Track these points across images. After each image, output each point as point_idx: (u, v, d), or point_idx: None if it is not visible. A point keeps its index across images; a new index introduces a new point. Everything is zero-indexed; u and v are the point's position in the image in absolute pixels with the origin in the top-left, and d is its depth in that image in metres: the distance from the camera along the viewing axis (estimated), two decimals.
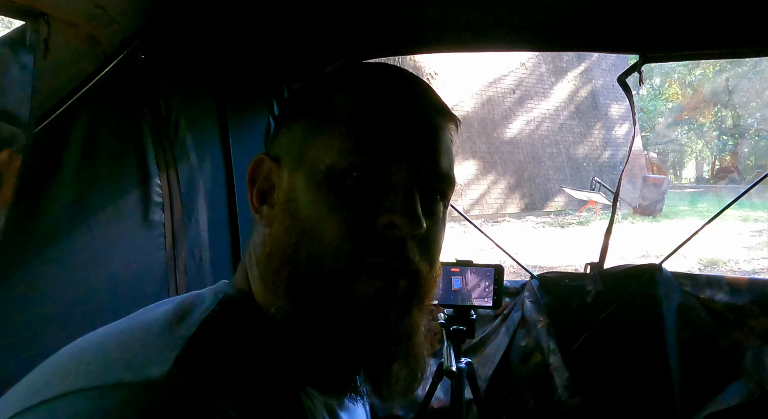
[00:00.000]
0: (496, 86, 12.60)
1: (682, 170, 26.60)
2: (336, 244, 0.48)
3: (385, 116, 0.51)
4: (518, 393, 1.88)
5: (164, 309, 0.49)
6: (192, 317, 0.47)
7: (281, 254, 0.51)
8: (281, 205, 0.53)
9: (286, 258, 0.50)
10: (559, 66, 14.24)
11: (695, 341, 1.71)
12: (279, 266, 0.51)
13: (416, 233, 0.49)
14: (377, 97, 0.52)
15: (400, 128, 0.51)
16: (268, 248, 0.53)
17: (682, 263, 6.78)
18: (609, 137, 15.25)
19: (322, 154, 0.50)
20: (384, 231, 0.48)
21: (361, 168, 0.49)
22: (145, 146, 1.18)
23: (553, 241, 8.73)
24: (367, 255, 0.48)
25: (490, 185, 11.91)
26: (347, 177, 0.49)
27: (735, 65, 19.84)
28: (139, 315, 0.50)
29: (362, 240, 0.48)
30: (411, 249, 0.49)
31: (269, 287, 0.52)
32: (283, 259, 0.51)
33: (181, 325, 0.46)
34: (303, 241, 0.49)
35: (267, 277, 0.52)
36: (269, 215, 0.54)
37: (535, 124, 13.38)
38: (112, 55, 1.05)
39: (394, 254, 0.48)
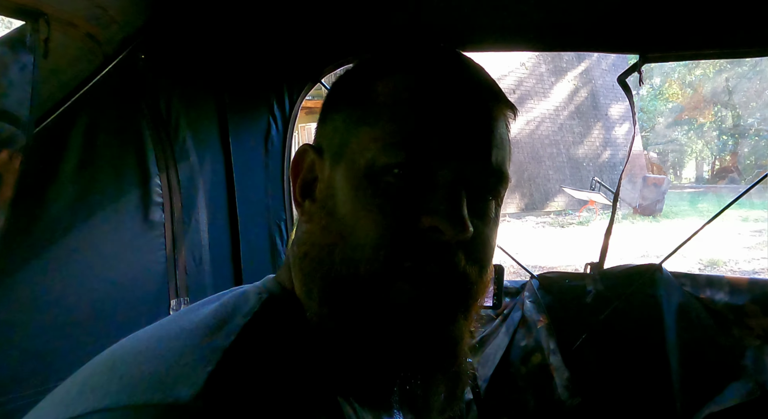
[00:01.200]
0: None
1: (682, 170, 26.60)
2: (372, 247, 0.44)
3: (432, 106, 0.46)
4: (518, 393, 1.88)
5: (206, 311, 0.46)
6: (233, 322, 0.44)
7: (317, 255, 0.48)
8: (321, 201, 0.49)
9: (321, 259, 0.47)
10: (559, 66, 14.24)
11: (695, 341, 1.71)
12: (314, 268, 0.48)
13: (461, 238, 0.44)
14: (423, 84, 0.48)
15: (448, 120, 0.46)
16: (306, 246, 0.49)
17: (682, 263, 6.78)
18: (609, 137, 15.25)
19: (363, 147, 0.46)
20: (426, 234, 0.44)
21: (403, 165, 0.45)
22: (145, 146, 1.18)
23: (553, 241, 8.73)
24: (405, 259, 0.44)
25: None
26: (388, 174, 0.45)
27: (735, 65, 19.84)
28: (181, 317, 0.47)
29: (401, 244, 0.44)
30: (456, 253, 0.45)
31: (305, 289, 0.49)
32: (318, 260, 0.47)
33: (220, 332, 0.43)
34: (339, 242, 0.46)
35: (303, 278, 0.49)
36: (310, 210, 0.50)
37: (535, 124, 13.37)
38: (112, 55, 1.05)
39: (436, 259, 0.44)
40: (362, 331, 0.46)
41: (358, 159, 0.46)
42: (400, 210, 0.45)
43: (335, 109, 0.52)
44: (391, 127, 0.46)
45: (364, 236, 0.45)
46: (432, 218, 0.44)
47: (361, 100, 0.49)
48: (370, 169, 0.45)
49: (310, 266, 0.48)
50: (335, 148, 0.49)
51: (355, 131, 0.48)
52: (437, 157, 0.45)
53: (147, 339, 0.44)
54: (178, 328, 0.44)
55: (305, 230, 0.50)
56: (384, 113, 0.47)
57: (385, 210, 0.45)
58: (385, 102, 0.47)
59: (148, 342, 0.43)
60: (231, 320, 0.44)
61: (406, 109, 0.46)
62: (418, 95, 0.47)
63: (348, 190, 0.46)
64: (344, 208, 0.46)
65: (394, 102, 0.47)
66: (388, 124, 0.46)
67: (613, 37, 1.44)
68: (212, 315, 0.45)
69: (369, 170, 0.45)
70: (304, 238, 0.50)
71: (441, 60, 0.51)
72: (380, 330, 0.45)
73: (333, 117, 0.51)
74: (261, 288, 0.51)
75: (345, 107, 0.50)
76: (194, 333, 0.43)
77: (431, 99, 0.47)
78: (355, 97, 0.50)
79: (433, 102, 0.47)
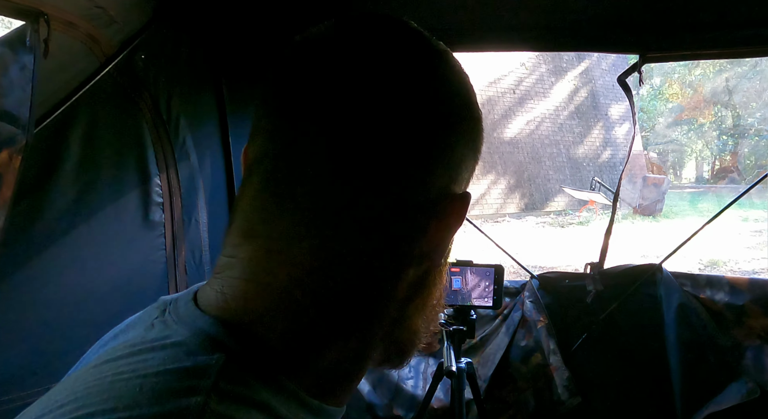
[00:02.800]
0: (496, 86, 12.59)
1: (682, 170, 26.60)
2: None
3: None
4: (518, 393, 1.88)
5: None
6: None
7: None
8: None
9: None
10: (559, 66, 14.24)
11: (695, 341, 1.71)
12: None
13: None
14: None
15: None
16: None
17: (682, 263, 6.77)
18: (609, 137, 15.25)
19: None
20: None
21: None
22: (145, 146, 1.18)
23: (553, 241, 8.74)
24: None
25: (490, 185, 11.90)
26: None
27: (735, 65, 19.84)
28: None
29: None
30: None
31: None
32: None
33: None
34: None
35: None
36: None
37: (535, 124, 13.37)
38: (112, 55, 1.05)
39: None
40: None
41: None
42: None
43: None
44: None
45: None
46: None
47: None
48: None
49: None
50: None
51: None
52: None
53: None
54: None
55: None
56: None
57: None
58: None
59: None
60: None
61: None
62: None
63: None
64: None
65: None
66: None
67: (613, 37, 1.44)
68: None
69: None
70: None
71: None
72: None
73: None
74: (206, 340, 0.35)
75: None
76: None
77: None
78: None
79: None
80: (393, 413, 1.88)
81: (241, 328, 0.35)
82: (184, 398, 0.30)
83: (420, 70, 0.38)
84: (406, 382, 1.94)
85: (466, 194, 0.41)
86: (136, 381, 0.32)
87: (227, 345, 0.34)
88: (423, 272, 0.41)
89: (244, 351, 0.34)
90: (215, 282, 0.38)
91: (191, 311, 0.37)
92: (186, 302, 0.38)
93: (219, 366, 0.32)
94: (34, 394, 0.93)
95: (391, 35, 0.39)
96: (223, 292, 0.37)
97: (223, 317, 0.36)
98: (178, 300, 0.39)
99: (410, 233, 0.39)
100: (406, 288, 0.40)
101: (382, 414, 1.88)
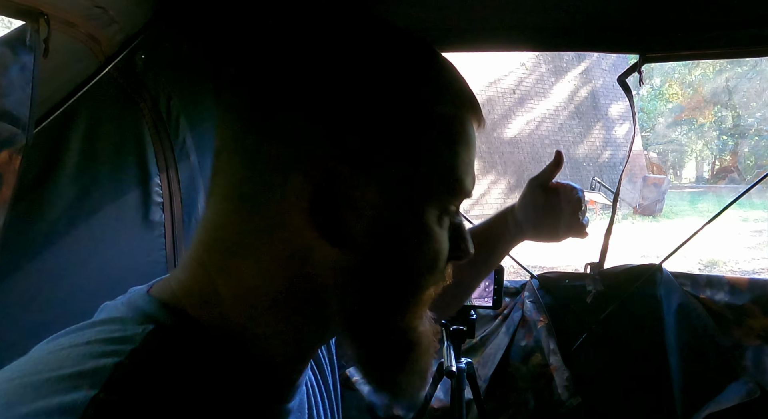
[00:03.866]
0: (496, 86, 12.59)
1: (682, 170, 26.59)
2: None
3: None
4: (518, 393, 1.88)
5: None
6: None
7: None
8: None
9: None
10: (559, 66, 14.23)
11: (695, 341, 1.71)
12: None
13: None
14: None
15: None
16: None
17: (682, 263, 6.77)
18: (609, 137, 15.24)
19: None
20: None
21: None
22: (145, 146, 1.18)
23: None
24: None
25: (490, 185, 11.90)
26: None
27: (735, 65, 19.83)
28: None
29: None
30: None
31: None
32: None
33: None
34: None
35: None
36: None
37: (535, 124, 13.37)
38: (112, 55, 1.05)
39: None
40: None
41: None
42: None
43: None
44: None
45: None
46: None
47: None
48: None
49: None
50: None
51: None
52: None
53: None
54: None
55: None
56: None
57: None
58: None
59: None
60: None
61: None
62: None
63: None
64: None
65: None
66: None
67: (613, 37, 1.44)
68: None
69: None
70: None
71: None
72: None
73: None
74: (140, 315, 0.39)
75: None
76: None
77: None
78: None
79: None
80: (393, 413, 1.88)
81: (176, 304, 0.39)
82: (102, 359, 0.33)
83: (386, 67, 0.40)
84: None
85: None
86: (67, 350, 0.35)
87: (158, 318, 0.38)
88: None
89: (175, 324, 0.38)
90: (174, 270, 0.43)
91: (139, 296, 0.41)
92: (139, 289, 0.42)
93: (145, 334, 0.35)
94: None
95: (363, 30, 0.42)
96: (172, 275, 0.42)
97: (164, 296, 0.40)
98: (136, 291, 0.43)
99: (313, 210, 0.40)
100: (341, 276, 0.41)
101: (382, 414, 1.88)
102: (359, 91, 0.38)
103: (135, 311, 0.39)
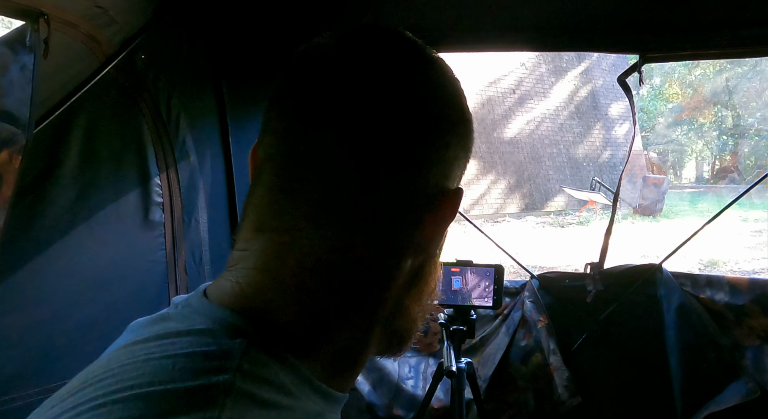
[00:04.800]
0: (496, 86, 12.60)
1: (682, 170, 26.60)
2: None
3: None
4: (518, 393, 1.88)
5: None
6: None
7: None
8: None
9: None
10: (559, 66, 14.24)
11: (695, 341, 1.71)
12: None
13: None
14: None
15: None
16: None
17: (682, 263, 6.77)
18: (609, 137, 15.25)
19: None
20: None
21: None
22: (145, 146, 1.18)
23: (553, 241, 8.74)
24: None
25: (490, 185, 11.90)
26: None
27: (735, 65, 19.84)
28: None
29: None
30: None
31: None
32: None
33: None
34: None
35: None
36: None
37: (535, 124, 13.37)
38: (112, 55, 1.05)
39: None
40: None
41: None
42: None
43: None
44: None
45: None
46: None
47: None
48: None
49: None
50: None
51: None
52: None
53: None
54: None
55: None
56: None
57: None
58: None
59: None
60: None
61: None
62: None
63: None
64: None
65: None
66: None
67: (613, 37, 1.44)
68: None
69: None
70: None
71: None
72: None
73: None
74: (227, 327, 0.38)
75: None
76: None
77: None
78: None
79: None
80: (393, 413, 1.88)
81: (256, 315, 0.39)
82: (213, 375, 0.34)
83: (415, 77, 0.42)
84: (406, 382, 1.94)
85: (459, 190, 0.44)
86: (168, 360, 0.35)
87: (246, 330, 0.37)
88: (420, 263, 0.45)
89: (261, 336, 0.37)
90: (229, 274, 0.41)
91: (206, 304, 0.40)
92: (197, 298, 0.41)
93: (242, 349, 0.36)
94: (34, 394, 0.93)
95: (388, 45, 0.43)
96: (238, 282, 0.40)
97: (238, 305, 0.39)
98: (188, 298, 0.42)
99: (408, 226, 0.42)
100: (404, 277, 0.44)
101: (382, 414, 1.88)
102: (443, 123, 0.43)
103: (216, 321, 0.38)
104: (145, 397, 0.33)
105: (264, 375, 0.36)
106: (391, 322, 0.45)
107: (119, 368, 0.36)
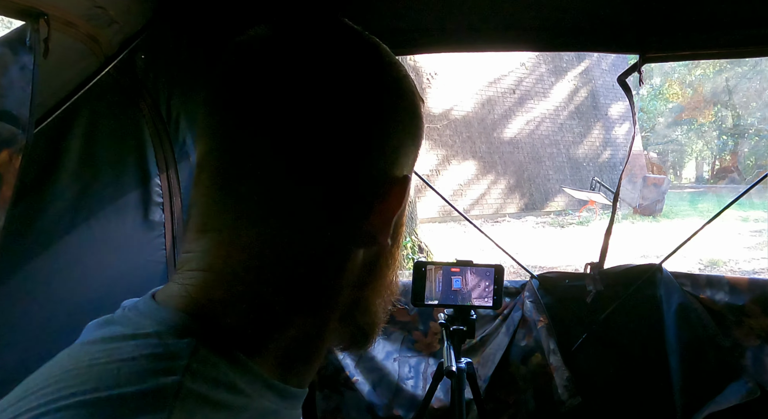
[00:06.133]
0: (496, 86, 12.59)
1: (682, 170, 26.60)
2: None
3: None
4: (518, 393, 1.88)
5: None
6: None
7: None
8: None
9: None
10: (559, 66, 14.23)
11: (695, 341, 1.71)
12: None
13: None
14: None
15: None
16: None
17: (682, 263, 6.77)
18: (609, 137, 15.25)
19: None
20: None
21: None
22: (145, 146, 1.18)
23: (553, 241, 8.73)
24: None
25: (489, 185, 11.90)
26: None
27: (735, 65, 19.84)
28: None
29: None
30: None
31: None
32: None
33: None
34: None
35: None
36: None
37: (535, 124, 13.37)
38: (112, 55, 1.05)
39: None
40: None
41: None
42: None
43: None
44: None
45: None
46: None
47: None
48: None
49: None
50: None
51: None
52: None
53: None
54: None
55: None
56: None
57: None
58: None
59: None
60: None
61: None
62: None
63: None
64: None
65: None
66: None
67: (613, 37, 1.44)
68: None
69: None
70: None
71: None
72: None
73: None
74: (174, 328, 0.37)
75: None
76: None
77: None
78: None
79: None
80: (393, 413, 1.88)
81: (204, 315, 0.38)
82: (161, 377, 0.33)
83: (352, 64, 0.41)
84: (406, 382, 1.94)
85: (406, 177, 0.43)
86: (113, 365, 0.34)
87: (195, 330, 0.37)
88: (374, 255, 0.44)
89: (210, 335, 0.37)
90: (177, 277, 0.41)
91: (153, 307, 0.39)
92: (145, 301, 0.41)
93: (191, 349, 0.35)
94: None
95: (325, 33, 0.42)
96: (184, 284, 0.40)
97: (186, 307, 0.38)
98: (137, 302, 0.42)
99: (353, 216, 0.41)
100: (357, 270, 0.43)
101: (382, 414, 1.88)
102: (382, 108, 0.42)
103: (163, 323, 0.38)
104: (91, 404, 0.31)
105: (214, 375, 0.35)
106: (351, 318, 0.45)
107: (62, 374, 0.34)
